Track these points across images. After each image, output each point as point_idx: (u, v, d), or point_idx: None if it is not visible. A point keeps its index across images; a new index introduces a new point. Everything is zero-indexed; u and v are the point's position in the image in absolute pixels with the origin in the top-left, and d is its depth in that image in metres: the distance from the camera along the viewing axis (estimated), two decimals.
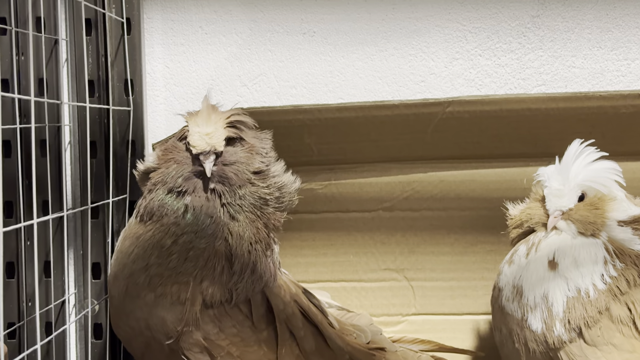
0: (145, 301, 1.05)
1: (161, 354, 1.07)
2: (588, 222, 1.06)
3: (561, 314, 1.03)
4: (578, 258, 1.05)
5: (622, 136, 1.25)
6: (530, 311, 1.05)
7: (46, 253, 1.22)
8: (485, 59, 1.33)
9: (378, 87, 1.33)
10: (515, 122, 1.25)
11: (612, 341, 1.01)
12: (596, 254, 1.05)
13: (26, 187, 1.18)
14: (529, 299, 1.05)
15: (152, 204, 1.07)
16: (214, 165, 1.05)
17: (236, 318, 1.07)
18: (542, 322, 1.04)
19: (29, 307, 1.22)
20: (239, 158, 1.07)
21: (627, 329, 1.01)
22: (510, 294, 1.08)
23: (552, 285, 1.04)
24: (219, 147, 1.05)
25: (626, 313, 1.02)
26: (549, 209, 1.09)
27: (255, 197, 1.07)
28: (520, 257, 1.09)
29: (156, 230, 1.05)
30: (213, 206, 1.05)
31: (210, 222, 1.05)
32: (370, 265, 1.33)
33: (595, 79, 1.32)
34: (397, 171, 1.30)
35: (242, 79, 1.34)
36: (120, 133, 1.25)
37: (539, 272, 1.06)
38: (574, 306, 1.03)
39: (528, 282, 1.06)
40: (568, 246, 1.06)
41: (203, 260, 1.05)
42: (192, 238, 1.04)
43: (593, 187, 1.07)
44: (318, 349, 1.12)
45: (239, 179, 1.06)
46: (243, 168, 1.07)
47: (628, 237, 1.05)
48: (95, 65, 1.25)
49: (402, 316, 1.32)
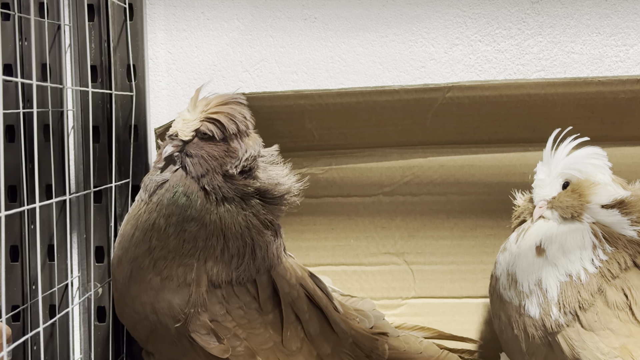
0: (150, 285, 1.05)
1: (167, 338, 1.06)
2: (566, 207, 1.07)
3: (556, 299, 1.03)
4: (564, 244, 1.05)
5: (621, 121, 1.25)
6: (526, 297, 1.05)
7: (50, 237, 1.23)
8: (485, 44, 1.32)
9: (378, 72, 1.33)
10: (515, 107, 1.25)
11: (609, 326, 1.01)
12: (583, 238, 1.05)
13: (29, 172, 1.18)
14: (524, 285, 1.06)
15: (144, 180, 1.08)
16: (178, 151, 1.06)
17: (244, 299, 1.07)
18: (539, 307, 1.04)
19: (33, 290, 1.22)
20: (202, 153, 1.06)
21: (623, 314, 1.01)
22: (506, 281, 1.09)
23: (544, 271, 1.05)
24: (182, 135, 1.06)
25: (622, 299, 1.02)
26: (534, 199, 1.10)
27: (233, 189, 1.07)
28: (511, 244, 1.10)
29: (150, 210, 1.06)
30: (190, 189, 1.05)
31: (190, 204, 1.05)
32: (370, 249, 1.33)
33: (594, 64, 1.32)
34: (397, 156, 1.30)
35: (244, 65, 1.33)
36: (123, 118, 1.25)
37: (529, 258, 1.07)
38: (568, 290, 1.03)
39: (520, 269, 1.07)
40: (554, 233, 1.06)
41: (202, 240, 1.04)
42: (181, 220, 1.05)
43: (573, 174, 1.08)
44: (322, 332, 1.12)
45: (195, 171, 1.05)
46: (203, 162, 1.05)
47: (616, 220, 1.05)
48: (98, 50, 1.24)
49: (402, 299, 1.33)
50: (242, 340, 1.06)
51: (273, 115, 1.25)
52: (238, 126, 1.07)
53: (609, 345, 1.00)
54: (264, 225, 1.09)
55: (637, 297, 1.01)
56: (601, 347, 1.00)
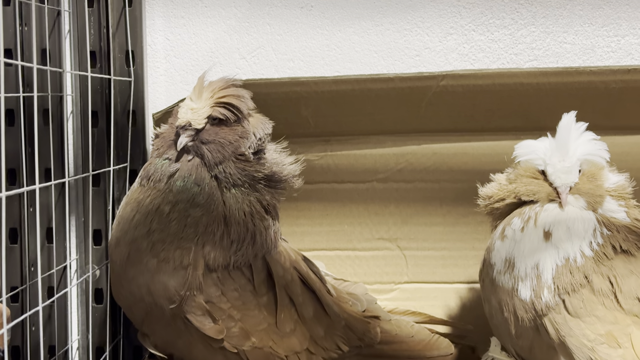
0: (147, 267, 1.05)
1: (162, 320, 1.07)
2: (597, 195, 1.07)
3: (550, 281, 1.03)
4: (572, 228, 1.05)
5: (611, 111, 1.26)
6: (520, 281, 1.05)
7: (48, 220, 1.23)
8: (478, 34, 1.33)
9: (374, 60, 1.34)
10: (508, 96, 1.25)
11: (595, 313, 1.02)
12: (589, 224, 1.05)
13: (29, 156, 1.19)
14: (520, 269, 1.06)
15: (148, 168, 1.08)
16: (192, 140, 1.06)
17: (239, 282, 1.08)
18: (531, 290, 1.04)
19: (32, 272, 1.23)
20: (218, 138, 1.06)
21: (609, 301, 1.02)
22: (502, 267, 1.08)
23: (544, 255, 1.05)
24: (196, 124, 1.05)
25: (608, 286, 1.02)
26: (558, 186, 1.08)
27: (243, 175, 1.07)
28: (514, 231, 1.09)
29: (154, 196, 1.06)
30: (201, 176, 1.05)
31: (200, 191, 1.05)
32: (364, 234, 1.33)
33: (586, 54, 1.33)
34: (391, 143, 1.31)
35: (241, 52, 1.34)
36: (122, 103, 1.26)
37: (534, 243, 1.06)
38: (562, 273, 1.03)
39: (521, 254, 1.07)
40: (565, 218, 1.06)
41: (202, 226, 1.05)
42: (187, 206, 1.05)
43: (592, 161, 1.08)
44: (316, 314, 1.13)
45: (213, 158, 1.05)
46: (220, 148, 1.06)
47: (615, 206, 1.07)
48: (97, 36, 1.25)
49: (394, 284, 1.33)
50: (236, 321, 1.07)
51: (269, 102, 1.24)
52: (248, 105, 1.08)
53: (595, 332, 1.01)
54: (266, 211, 1.09)
55: (622, 285, 1.02)
56: (587, 333, 1.01)
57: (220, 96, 1.07)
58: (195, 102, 1.06)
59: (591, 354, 1.00)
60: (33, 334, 1.21)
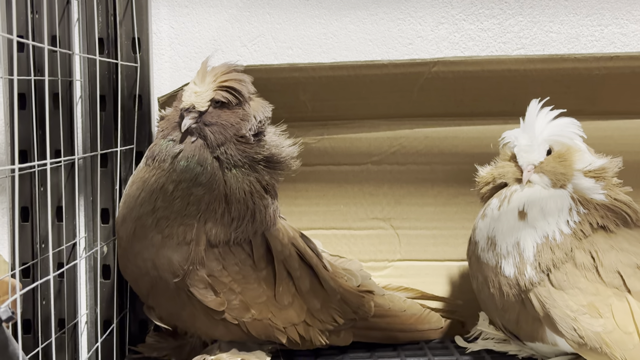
0: (152, 242, 1.07)
1: (166, 292, 1.09)
2: (559, 173, 1.08)
3: (532, 259, 1.05)
4: (545, 208, 1.07)
5: (595, 96, 1.27)
6: (503, 258, 1.08)
7: (58, 199, 1.23)
8: (469, 23, 1.34)
9: (369, 48, 1.35)
10: (496, 82, 1.27)
11: (578, 285, 1.04)
12: (562, 203, 1.07)
13: (40, 137, 1.17)
14: (502, 247, 1.08)
15: (154, 149, 1.09)
16: (196, 122, 1.07)
17: (239, 256, 1.09)
18: (515, 267, 1.07)
19: (42, 249, 1.22)
20: (220, 121, 1.07)
21: (590, 274, 1.04)
22: (485, 245, 1.11)
23: (523, 233, 1.07)
24: (199, 106, 1.06)
25: (590, 260, 1.05)
26: (521, 164, 1.10)
27: (244, 156, 1.08)
28: (492, 210, 1.11)
29: (159, 175, 1.07)
30: (203, 157, 1.06)
31: (202, 171, 1.06)
32: (359, 214, 1.34)
33: (571, 43, 1.33)
34: (385, 127, 1.32)
35: (242, 40, 1.35)
36: (128, 88, 1.25)
37: (510, 222, 1.08)
38: (543, 250, 1.05)
39: (500, 232, 1.09)
40: (537, 197, 1.08)
41: (205, 204, 1.06)
42: (190, 185, 1.06)
43: (559, 141, 1.10)
44: (312, 288, 1.15)
45: (215, 139, 1.06)
46: (222, 130, 1.07)
47: (591, 185, 1.08)
48: (105, 24, 1.24)
49: (388, 262, 1.34)
50: (237, 294, 1.09)
51: (269, 87, 1.22)
52: (249, 89, 1.10)
53: (578, 303, 1.03)
54: (265, 190, 1.10)
55: (603, 259, 1.04)
56: (570, 304, 1.03)
57: (222, 80, 1.07)
58: (199, 86, 1.07)
59: (574, 324, 1.02)
60: (44, 307, 1.21)
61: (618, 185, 1.11)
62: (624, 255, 1.06)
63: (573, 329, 1.03)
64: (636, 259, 1.06)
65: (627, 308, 1.03)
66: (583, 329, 1.02)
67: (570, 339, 1.03)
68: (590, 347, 1.03)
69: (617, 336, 1.02)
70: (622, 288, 1.04)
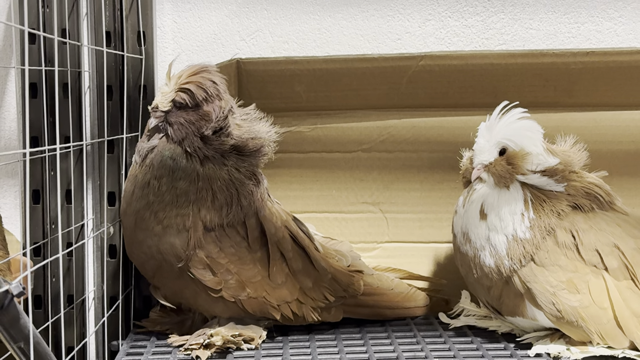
0: (154, 232, 1.10)
1: (171, 274, 1.12)
2: (501, 176, 1.10)
3: (504, 253, 1.08)
4: (500, 213, 1.09)
5: (572, 89, 1.29)
6: (481, 251, 1.10)
7: (68, 182, 1.25)
8: (454, 20, 1.35)
9: (360, 43, 1.35)
10: (479, 75, 1.29)
11: (558, 263, 1.07)
12: (516, 205, 1.09)
13: (50, 125, 1.18)
14: (477, 243, 1.11)
15: (137, 146, 1.13)
16: (161, 121, 1.10)
17: (234, 239, 1.12)
18: (493, 257, 1.09)
19: (52, 229, 1.23)
20: (180, 120, 1.09)
21: (570, 252, 1.07)
22: (461, 238, 1.13)
23: (491, 233, 1.10)
24: (162, 106, 1.09)
25: (570, 239, 1.07)
26: (473, 162, 1.13)
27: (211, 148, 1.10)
28: (459, 207, 1.14)
29: (145, 172, 1.10)
30: (175, 152, 1.09)
31: (177, 165, 1.09)
32: (350, 199, 1.36)
33: (550, 39, 1.34)
34: (375, 117, 1.33)
35: (241, 34, 1.35)
36: (134, 78, 1.27)
37: (475, 220, 1.11)
38: (513, 247, 1.08)
39: (471, 229, 1.11)
40: (493, 201, 1.10)
41: (192, 194, 1.09)
42: (170, 180, 1.09)
43: (512, 142, 1.10)
44: (305, 268, 1.17)
45: (176, 136, 1.09)
46: (183, 129, 1.09)
47: (544, 181, 1.10)
48: (112, 18, 1.25)
49: (377, 243, 1.36)
50: (233, 274, 1.12)
51: (266, 79, 1.28)
52: (207, 92, 1.09)
53: (557, 279, 1.06)
54: (246, 177, 1.12)
55: (583, 238, 1.07)
56: (550, 280, 1.06)
57: (184, 82, 1.09)
58: (167, 86, 1.10)
59: (553, 298, 1.05)
60: (54, 284, 1.23)
61: (578, 179, 1.12)
62: (602, 234, 1.08)
63: (552, 303, 1.05)
64: (613, 238, 1.08)
65: (603, 285, 1.06)
66: (561, 303, 1.05)
67: (548, 313, 1.06)
68: (567, 321, 1.05)
69: (592, 311, 1.05)
70: (600, 266, 1.06)
